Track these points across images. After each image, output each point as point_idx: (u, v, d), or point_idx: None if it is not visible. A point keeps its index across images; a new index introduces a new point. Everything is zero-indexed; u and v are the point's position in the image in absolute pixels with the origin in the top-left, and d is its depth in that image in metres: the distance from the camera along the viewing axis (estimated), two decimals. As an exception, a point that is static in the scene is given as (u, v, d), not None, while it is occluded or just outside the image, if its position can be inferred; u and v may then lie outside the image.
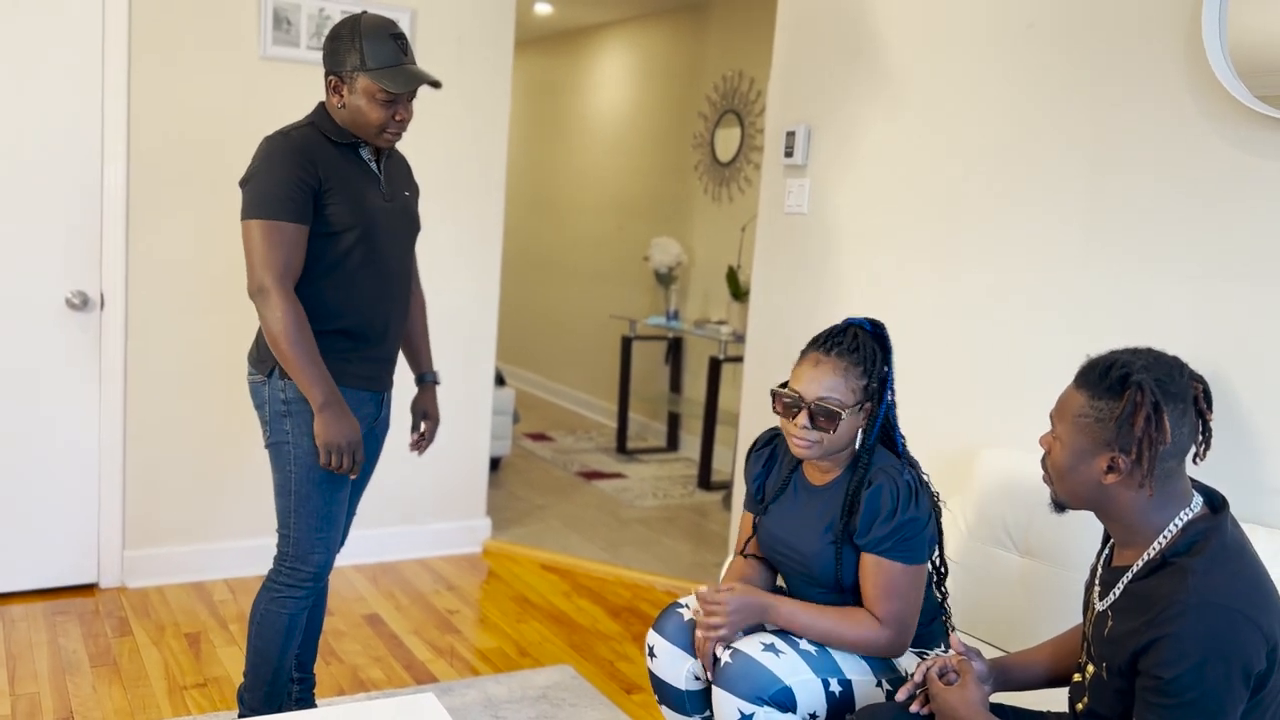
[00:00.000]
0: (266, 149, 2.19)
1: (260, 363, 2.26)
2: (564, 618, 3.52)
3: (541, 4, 6.25)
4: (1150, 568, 1.52)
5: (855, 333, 1.98)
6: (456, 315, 3.95)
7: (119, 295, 3.34)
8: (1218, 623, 1.39)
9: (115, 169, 3.29)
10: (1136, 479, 1.51)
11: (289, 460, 2.25)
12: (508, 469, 5.34)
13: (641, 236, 6.42)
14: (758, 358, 3.61)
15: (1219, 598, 1.41)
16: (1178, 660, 1.39)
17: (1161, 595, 1.45)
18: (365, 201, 2.25)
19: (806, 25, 3.40)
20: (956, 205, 2.88)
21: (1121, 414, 1.49)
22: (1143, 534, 1.54)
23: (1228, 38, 2.20)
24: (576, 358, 7.15)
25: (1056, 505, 1.64)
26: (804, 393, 1.95)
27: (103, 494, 3.42)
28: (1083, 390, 1.56)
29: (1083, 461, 1.55)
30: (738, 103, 5.57)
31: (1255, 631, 1.39)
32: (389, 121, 2.23)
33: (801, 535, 2.04)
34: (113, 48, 3.23)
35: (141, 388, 3.43)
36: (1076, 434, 1.55)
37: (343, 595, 3.58)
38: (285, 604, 2.31)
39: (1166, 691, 1.40)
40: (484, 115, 3.90)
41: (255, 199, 2.15)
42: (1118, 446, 1.50)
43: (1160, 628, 1.42)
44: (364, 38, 2.19)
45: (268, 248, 2.14)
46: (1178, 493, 1.53)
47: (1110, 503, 1.55)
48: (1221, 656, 1.38)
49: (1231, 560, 1.46)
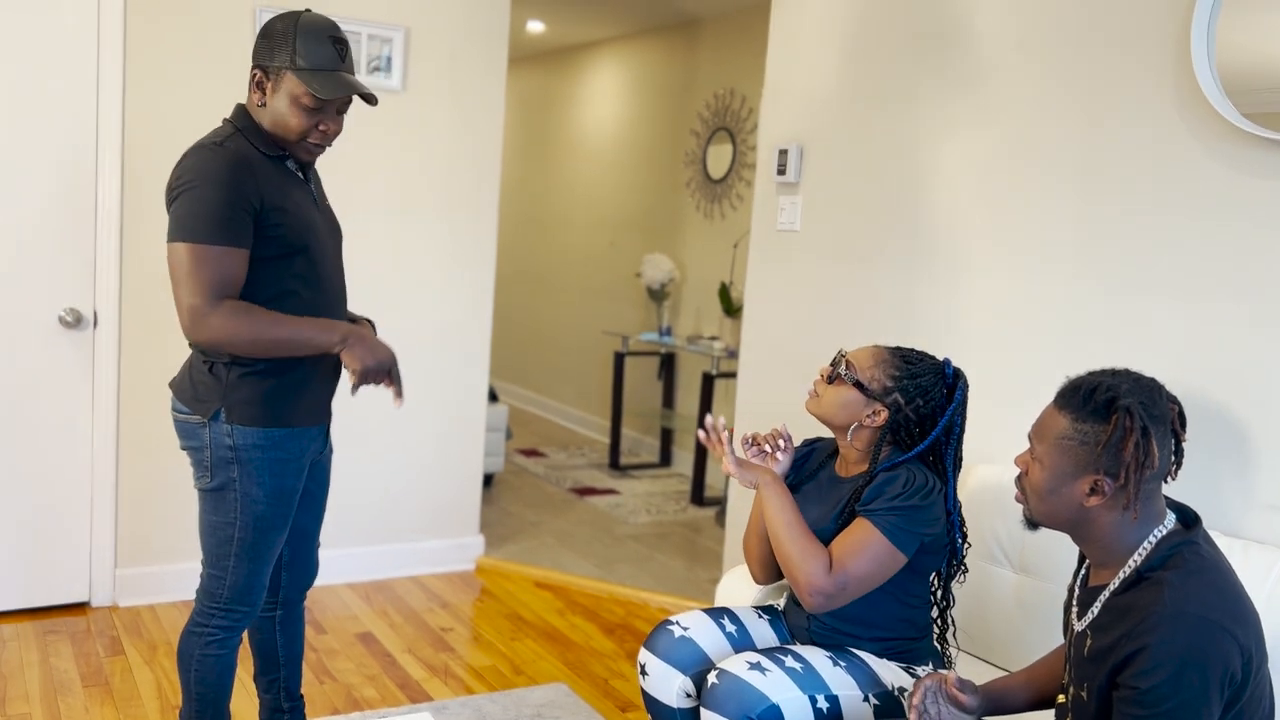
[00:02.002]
0: (199, 163, 1.96)
1: (199, 403, 2.08)
2: (558, 635, 3.51)
3: (534, 22, 6.28)
4: (1127, 584, 1.53)
5: (931, 362, 2.07)
6: (450, 332, 3.96)
7: (112, 313, 3.34)
8: (1194, 633, 1.39)
9: (109, 186, 3.29)
10: (1120, 502, 1.51)
11: (233, 508, 2.10)
12: (500, 485, 5.33)
13: (634, 253, 6.44)
14: (751, 373, 3.62)
15: (1195, 608, 1.42)
16: (1154, 670, 1.39)
17: (1138, 609, 1.46)
18: (305, 216, 2.08)
19: (798, 44, 3.42)
20: (949, 223, 2.90)
21: (1110, 439, 1.50)
22: (1119, 553, 1.55)
23: (1216, 56, 2.22)
24: (569, 374, 7.15)
25: (1030, 523, 1.65)
26: (846, 352, 2.11)
27: (95, 512, 3.41)
28: (1066, 413, 1.55)
29: (1064, 484, 1.55)
30: (729, 120, 5.60)
31: (1231, 642, 1.40)
32: (311, 131, 2.04)
33: (816, 519, 2.08)
34: (107, 65, 3.24)
35: (135, 406, 3.42)
36: (1059, 456, 1.55)
37: (335, 614, 3.56)
38: (223, 645, 2.18)
39: (1143, 702, 1.41)
40: (478, 132, 3.91)
41: (186, 219, 1.93)
42: (1102, 470, 1.51)
43: (1137, 640, 1.43)
44: (300, 35, 1.99)
45: (198, 272, 1.92)
46: (1154, 512, 1.55)
47: (1090, 524, 1.56)
48: (1198, 666, 1.38)
49: (1207, 573, 1.47)
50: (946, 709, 1.69)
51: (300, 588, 2.41)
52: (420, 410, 3.94)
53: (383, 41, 3.65)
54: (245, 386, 2.08)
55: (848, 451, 2.12)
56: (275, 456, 2.12)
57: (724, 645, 2.11)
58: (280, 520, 2.16)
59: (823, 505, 2.11)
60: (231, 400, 2.07)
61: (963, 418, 2.04)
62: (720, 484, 5.59)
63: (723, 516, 4.96)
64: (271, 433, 2.10)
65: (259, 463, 2.10)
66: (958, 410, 2.03)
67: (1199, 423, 2.26)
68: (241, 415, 2.08)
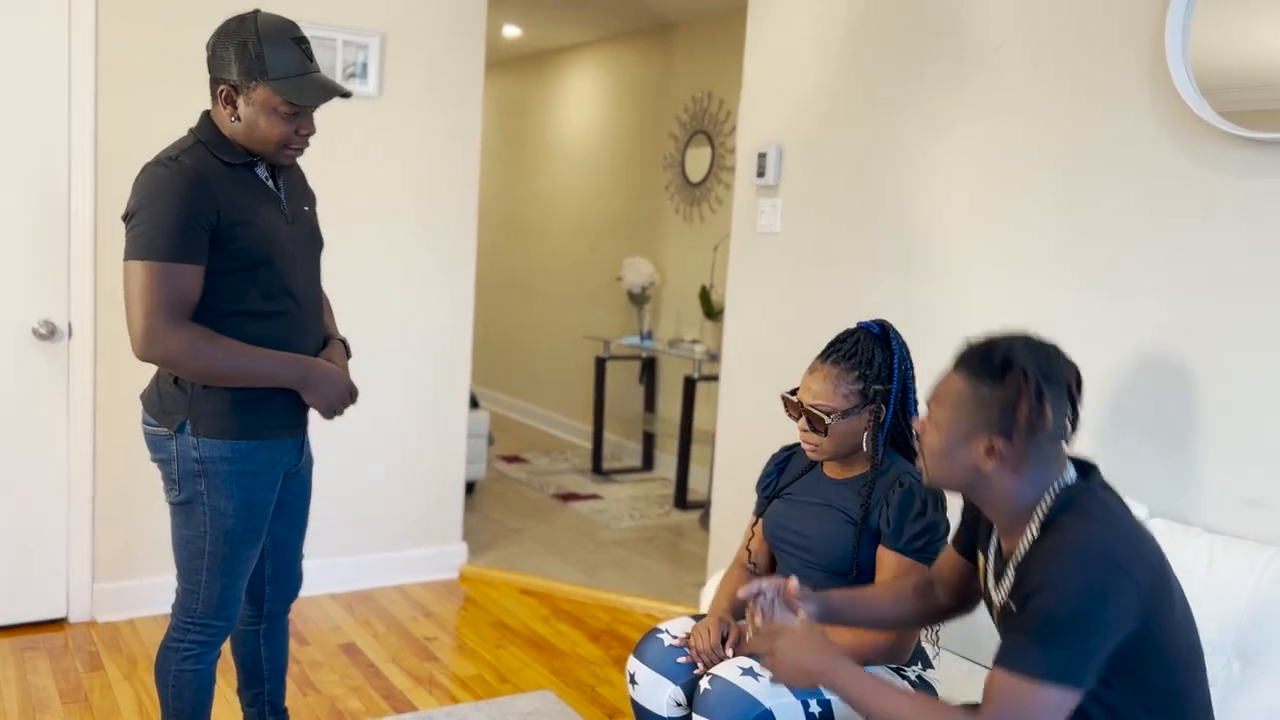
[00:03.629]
0: (153, 180, 1.92)
1: (165, 415, 2.05)
2: (543, 642, 3.49)
3: (510, 26, 6.27)
4: (1033, 543, 1.51)
5: (859, 337, 2.06)
6: (431, 339, 3.93)
7: (87, 324, 3.30)
8: (1092, 567, 1.39)
9: (82, 197, 3.25)
10: (1014, 464, 1.50)
11: (203, 521, 2.07)
12: (483, 493, 5.31)
13: (614, 257, 6.43)
14: (733, 376, 3.62)
15: (1093, 545, 1.41)
16: (1048, 593, 1.39)
17: (1041, 554, 1.45)
18: (270, 228, 2.04)
19: (776, 47, 3.43)
20: (928, 223, 2.90)
21: (1005, 399, 1.49)
22: (1020, 512, 1.54)
23: (1191, 56, 2.24)
24: (550, 379, 7.14)
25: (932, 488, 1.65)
26: (802, 398, 2.05)
27: (71, 527, 3.36)
28: (962, 374, 1.54)
29: (960, 445, 1.53)
30: (707, 123, 5.60)
31: (1129, 581, 1.40)
32: (292, 138, 2.01)
33: (813, 523, 2.08)
34: (79, 73, 3.20)
35: (110, 418, 3.38)
36: (955, 416, 1.54)
37: (318, 625, 3.53)
38: (200, 660, 2.14)
39: (1027, 605, 1.40)
40: (456, 138, 3.89)
41: (141, 238, 1.90)
42: (997, 431, 1.50)
43: (1038, 577, 1.42)
44: (264, 43, 1.93)
45: (152, 291, 1.89)
46: (1051, 469, 1.54)
47: (986, 487, 1.54)
48: (1094, 597, 1.37)
49: (1104, 517, 1.46)
50: (782, 611, 1.76)
51: (284, 600, 2.39)
52: (401, 418, 3.92)
53: (358, 48, 3.63)
54: (211, 398, 2.05)
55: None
56: (243, 469, 2.08)
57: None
58: (251, 534, 2.13)
59: (818, 509, 2.10)
60: (197, 412, 2.04)
61: (909, 361, 2.08)
62: (703, 487, 5.59)
63: (706, 519, 4.95)
64: (238, 445, 2.07)
65: (226, 476, 2.06)
66: (903, 356, 2.06)
67: (1177, 420, 2.27)
68: (207, 427, 2.05)
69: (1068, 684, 1.37)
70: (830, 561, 2.06)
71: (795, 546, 2.11)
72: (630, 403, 6.29)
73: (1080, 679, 1.38)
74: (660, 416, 5.99)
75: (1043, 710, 1.37)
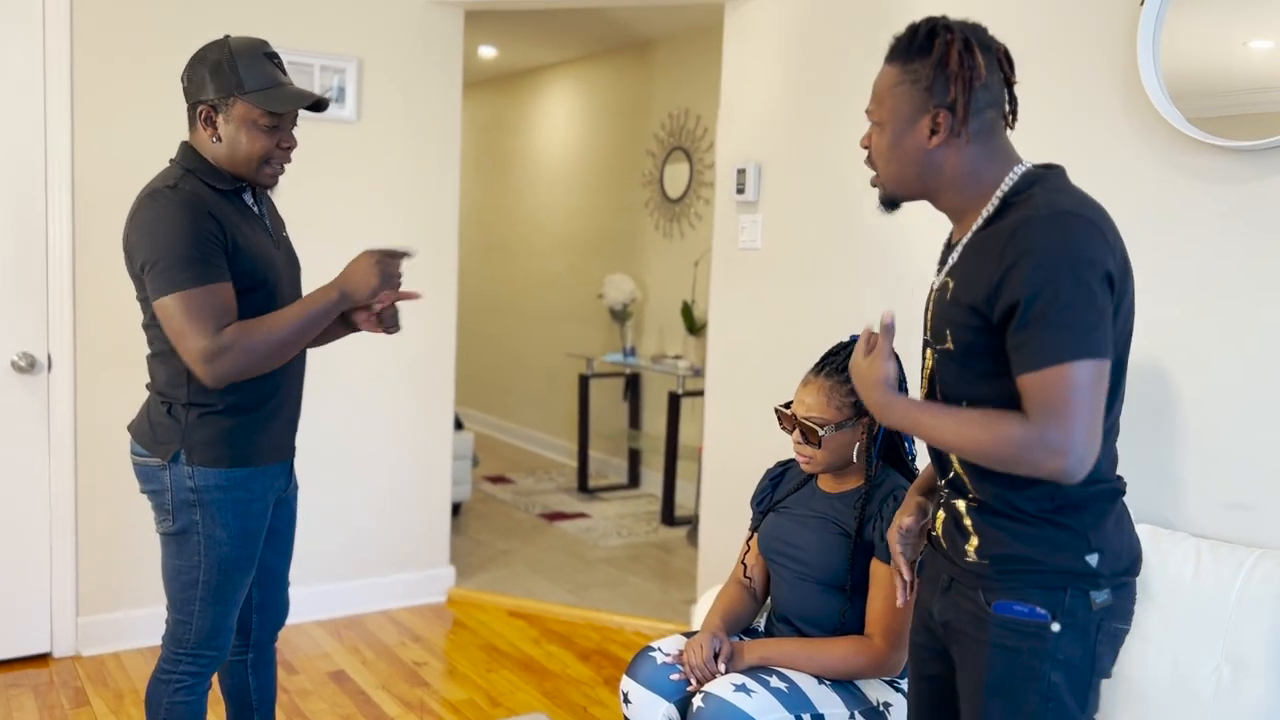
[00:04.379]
0: (157, 210, 1.92)
1: (158, 445, 2.04)
2: (534, 664, 3.48)
3: (486, 47, 6.28)
4: (990, 219, 1.48)
5: (851, 350, 2.08)
6: (414, 362, 3.92)
7: (66, 356, 3.27)
8: (1069, 229, 1.36)
9: (59, 228, 3.23)
10: (959, 130, 1.47)
11: (197, 550, 2.06)
12: (468, 514, 5.29)
13: (595, 274, 6.44)
14: (719, 391, 3.62)
15: (1068, 205, 1.39)
16: (1034, 272, 1.35)
17: (1006, 228, 1.41)
18: (263, 252, 2.06)
19: (752, 65, 3.45)
20: (908, 234, 2.92)
21: (935, 60, 1.47)
22: (977, 191, 1.50)
23: (1162, 63, 2.27)
24: (533, 398, 7.12)
25: (887, 203, 1.60)
26: (795, 411, 2.08)
27: (54, 560, 3.33)
28: (894, 62, 1.52)
29: (905, 134, 1.51)
30: (685, 139, 5.63)
31: (1104, 242, 1.38)
32: (274, 151, 2.02)
33: (808, 536, 2.09)
34: (54, 105, 3.19)
35: (92, 449, 3.35)
36: (895, 104, 1.51)
37: (306, 652, 3.50)
38: (192, 691, 2.12)
39: (1030, 313, 1.36)
40: (435, 160, 3.89)
41: (165, 274, 1.90)
42: (935, 101, 1.47)
43: (1011, 252, 1.38)
44: (238, 60, 1.97)
45: (191, 318, 1.89)
46: (1005, 150, 1.51)
47: (939, 172, 1.51)
48: (1078, 261, 1.35)
49: (1073, 189, 1.45)
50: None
51: (271, 629, 2.37)
52: (385, 441, 3.90)
53: (335, 72, 3.63)
54: (205, 427, 2.04)
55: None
56: (238, 497, 2.08)
57: (706, 670, 2.09)
58: (246, 562, 2.12)
59: (814, 522, 2.11)
60: (191, 441, 2.04)
61: (903, 373, 2.11)
62: (690, 503, 5.58)
63: (694, 535, 4.95)
64: (233, 473, 2.07)
65: (222, 504, 2.06)
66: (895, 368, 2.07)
67: (1159, 424, 2.28)
68: (202, 456, 2.04)
69: (1095, 355, 1.34)
70: (825, 575, 2.06)
71: (790, 559, 2.12)
72: (614, 420, 6.29)
73: (1103, 345, 1.35)
74: (645, 433, 5.99)
75: (1080, 387, 1.34)
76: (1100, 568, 1.45)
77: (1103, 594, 1.46)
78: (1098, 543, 1.46)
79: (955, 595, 1.55)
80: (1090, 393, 1.34)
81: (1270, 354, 2.12)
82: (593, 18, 5.39)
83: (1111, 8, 2.41)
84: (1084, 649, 1.45)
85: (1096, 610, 1.45)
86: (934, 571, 1.62)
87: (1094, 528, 1.46)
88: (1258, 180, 2.14)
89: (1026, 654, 1.45)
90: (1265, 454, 2.12)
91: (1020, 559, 1.47)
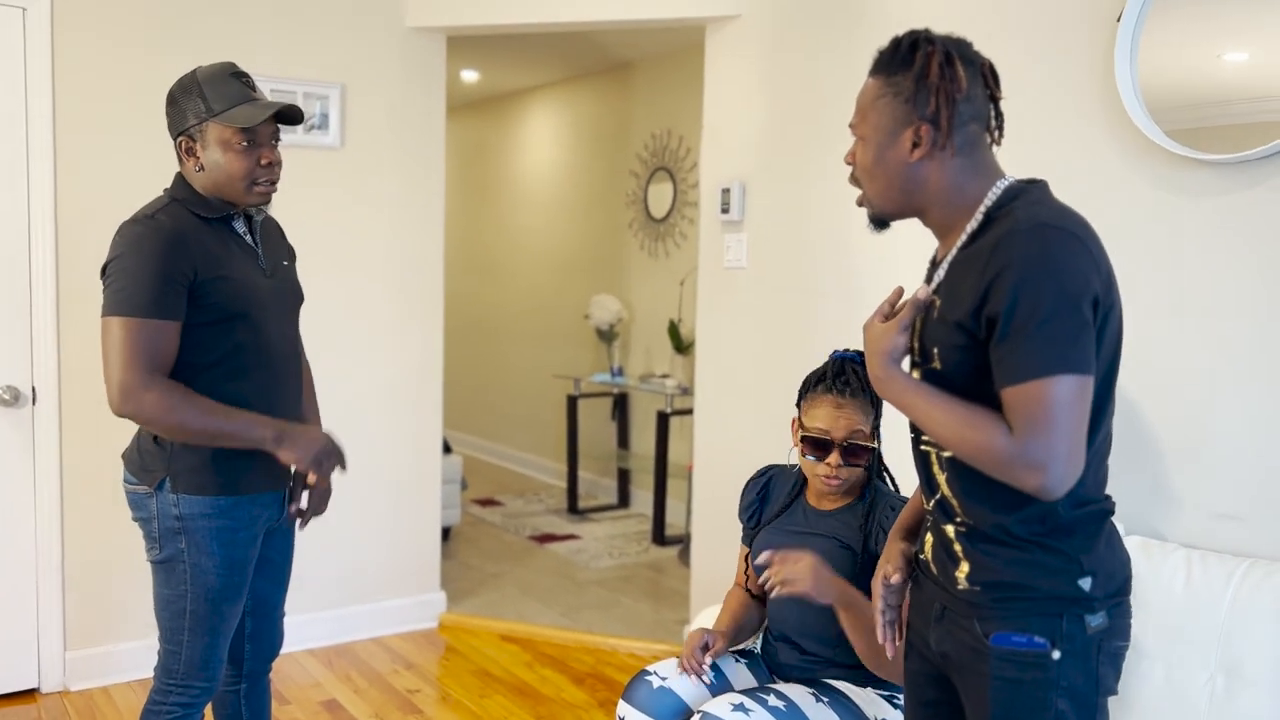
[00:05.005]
0: (131, 236, 1.95)
1: (145, 472, 2.05)
2: (528, 689, 3.46)
3: (468, 71, 6.30)
4: (974, 235, 1.46)
5: (854, 369, 2.09)
6: (401, 386, 3.91)
7: (51, 389, 3.25)
8: (1051, 243, 1.34)
9: (43, 261, 3.21)
10: (941, 143, 1.46)
11: (183, 579, 2.05)
12: (458, 538, 5.26)
13: (581, 295, 6.44)
14: (708, 410, 3.62)
15: (1049, 218, 1.37)
16: (1017, 287, 1.34)
17: (989, 242, 1.40)
18: (247, 283, 2.06)
19: (734, 85, 3.47)
20: (892, 250, 2.94)
21: (917, 73, 1.46)
22: (961, 207, 1.49)
23: (1139, 79, 2.29)
24: (521, 419, 7.11)
25: (876, 222, 1.58)
26: (833, 432, 2.05)
27: (41, 594, 3.29)
28: (877, 76, 1.52)
29: (888, 148, 1.50)
30: (668, 160, 5.65)
31: (1088, 256, 1.36)
32: (255, 169, 2.02)
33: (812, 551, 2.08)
34: (37, 133, 3.18)
35: (78, 482, 3.32)
36: (877, 118, 1.50)
37: (297, 682, 3.47)
38: None
39: (1011, 328, 1.34)
40: (419, 185, 3.90)
41: (119, 294, 1.92)
42: (918, 114, 1.47)
43: (995, 264, 1.37)
44: (204, 85, 1.99)
45: (129, 346, 1.91)
46: (989, 165, 1.50)
47: (923, 187, 1.50)
48: (1056, 274, 1.33)
49: (1055, 202, 1.43)
50: None
51: (265, 659, 2.35)
52: (375, 467, 3.88)
53: (318, 99, 3.63)
54: (190, 454, 2.04)
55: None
56: (224, 525, 2.07)
57: (703, 692, 2.09)
58: (233, 591, 2.11)
59: (812, 540, 2.11)
60: (176, 468, 2.04)
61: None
62: (681, 522, 5.57)
63: (686, 554, 4.94)
64: (219, 501, 2.06)
65: (207, 532, 2.05)
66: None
67: (1146, 436, 2.30)
68: (187, 484, 2.04)
69: (1076, 370, 1.32)
70: None
71: None
72: (603, 440, 6.28)
73: (1084, 360, 1.33)
74: (634, 452, 5.98)
75: (1061, 403, 1.32)
76: (1094, 591, 1.44)
77: (1098, 617, 1.44)
78: (1090, 566, 1.44)
79: (950, 625, 1.52)
80: (1072, 409, 1.32)
81: (1253, 364, 2.14)
82: (573, 41, 5.42)
83: (1089, 23, 2.44)
84: (1086, 673, 1.43)
85: (1093, 633, 1.44)
86: (925, 598, 1.59)
87: (1085, 551, 1.44)
88: (1236, 192, 2.17)
89: (1030, 685, 1.43)
90: (1251, 464, 2.14)
91: (1013, 585, 1.45)
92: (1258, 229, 2.14)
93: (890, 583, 1.66)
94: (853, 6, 3.04)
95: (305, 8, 3.60)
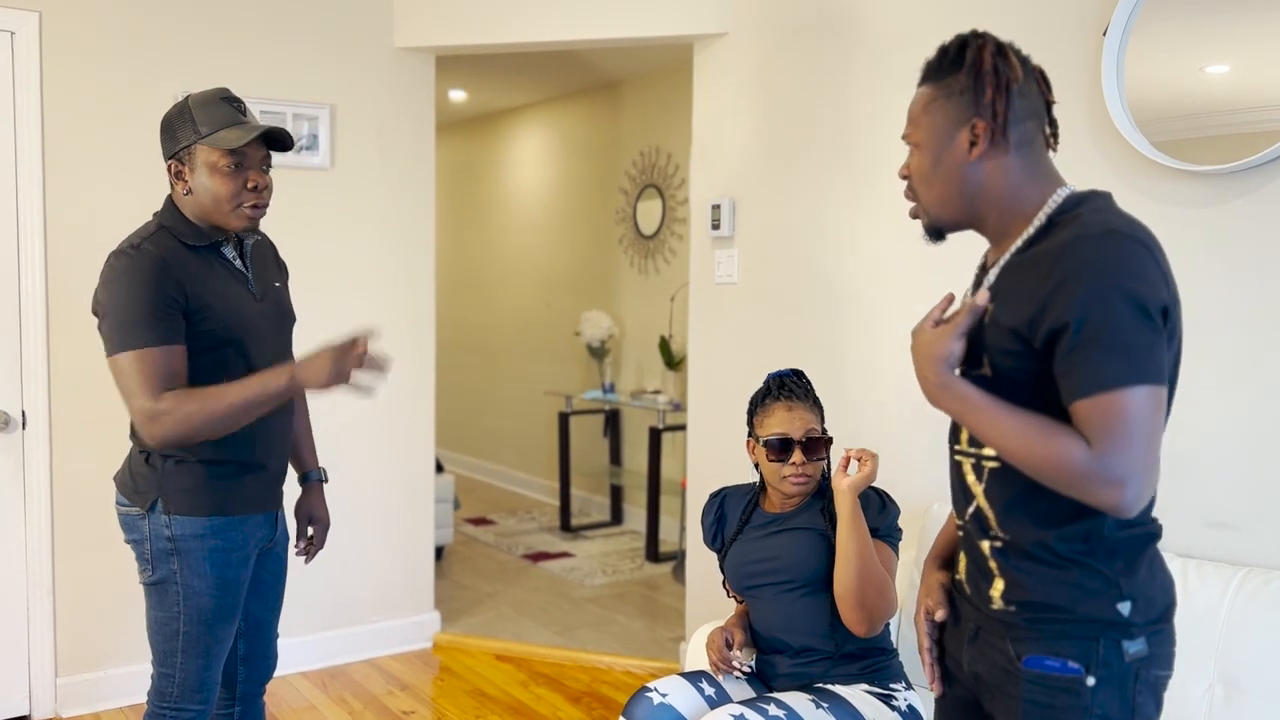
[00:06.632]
0: (119, 269, 1.95)
1: (137, 494, 2.05)
2: (523, 709, 3.44)
3: (456, 90, 6.32)
4: (1032, 239, 1.40)
5: (794, 380, 2.20)
6: (393, 406, 3.90)
7: (41, 413, 3.23)
8: (1119, 250, 1.28)
9: (32, 285, 3.20)
10: (999, 141, 1.42)
11: (176, 601, 2.04)
12: (451, 557, 5.24)
13: (571, 312, 6.45)
14: (700, 425, 3.62)
15: (1118, 224, 1.31)
16: (1082, 297, 1.28)
17: (1051, 249, 1.34)
18: (236, 309, 2.05)
19: (723, 102, 3.49)
20: (884, 265, 2.95)
21: (970, 70, 1.42)
22: (1021, 210, 1.43)
23: (1126, 91, 2.31)
24: (513, 437, 7.10)
25: (933, 233, 1.52)
26: (791, 433, 2.12)
27: (32, 620, 3.27)
28: (928, 82, 1.48)
29: (945, 150, 1.45)
30: (657, 176, 5.67)
31: (1154, 264, 1.30)
32: (241, 192, 2.01)
33: (783, 544, 2.14)
34: (26, 158, 3.17)
35: (69, 506, 3.30)
36: (931, 121, 1.46)
37: (291, 705, 3.45)
38: None
39: (1080, 339, 1.28)
40: (409, 205, 3.90)
41: (118, 331, 1.93)
42: (974, 111, 1.42)
43: (1059, 270, 1.31)
44: (194, 109, 2.00)
45: (142, 377, 1.91)
46: (1047, 169, 1.45)
47: (983, 189, 1.44)
48: (1132, 283, 1.27)
49: (1124, 212, 1.37)
50: None
51: (258, 682, 2.33)
52: (366, 486, 3.87)
53: (308, 120, 3.64)
54: (182, 475, 2.04)
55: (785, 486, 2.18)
56: (216, 546, 2.06)
57: (703, 708, 2.09)
58: (226, 613, 2.09)
59: (781, 537, 2.15)
60: (168, 489, 2.03)
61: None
62: (674, 538, 5.56)
63: (680, 571, 4.93)
64: (211, 522, 2.05)
65: (199, 553, 2.04)
66: None
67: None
68: (179, 504, 2.03)
69: (1153, 381, 1.26)
70: (806, 575, 2.10)
71: (766, 576, 2.14)
72: (595, 457, 6.27)
73: (1160, 371, 1.27)
74: (627, 469, 5.97)
75: (1139, 416, 1.25)
76: (1133, 616, 1.37)
77: (1136, 644, 1.37)
78: (1129, 590, 1.37)
79: (983, 645, 1.46)
80: (1149, 421, 1.26)
81: (1244, 372, 2.15)
82: (561, 60, 5.44)
83: (1075, 37, 2.46)
84: (1122, 702, 1.36)
85: (1131, 660, 1.36)
86: (960, 619, 1.53)
87: (1126, 574, 1.38)
88: (1222, 203, 2.18)
89: (1062, 711, 1.37)
90: (1244, 473, 2.15)
91: (1049, 607, 1.39)
92: (1245, 239, 2.15)
93: (934, 619, 1.58)
94: (839, 23, 3.07)
95: (294, 30, 3.61)
